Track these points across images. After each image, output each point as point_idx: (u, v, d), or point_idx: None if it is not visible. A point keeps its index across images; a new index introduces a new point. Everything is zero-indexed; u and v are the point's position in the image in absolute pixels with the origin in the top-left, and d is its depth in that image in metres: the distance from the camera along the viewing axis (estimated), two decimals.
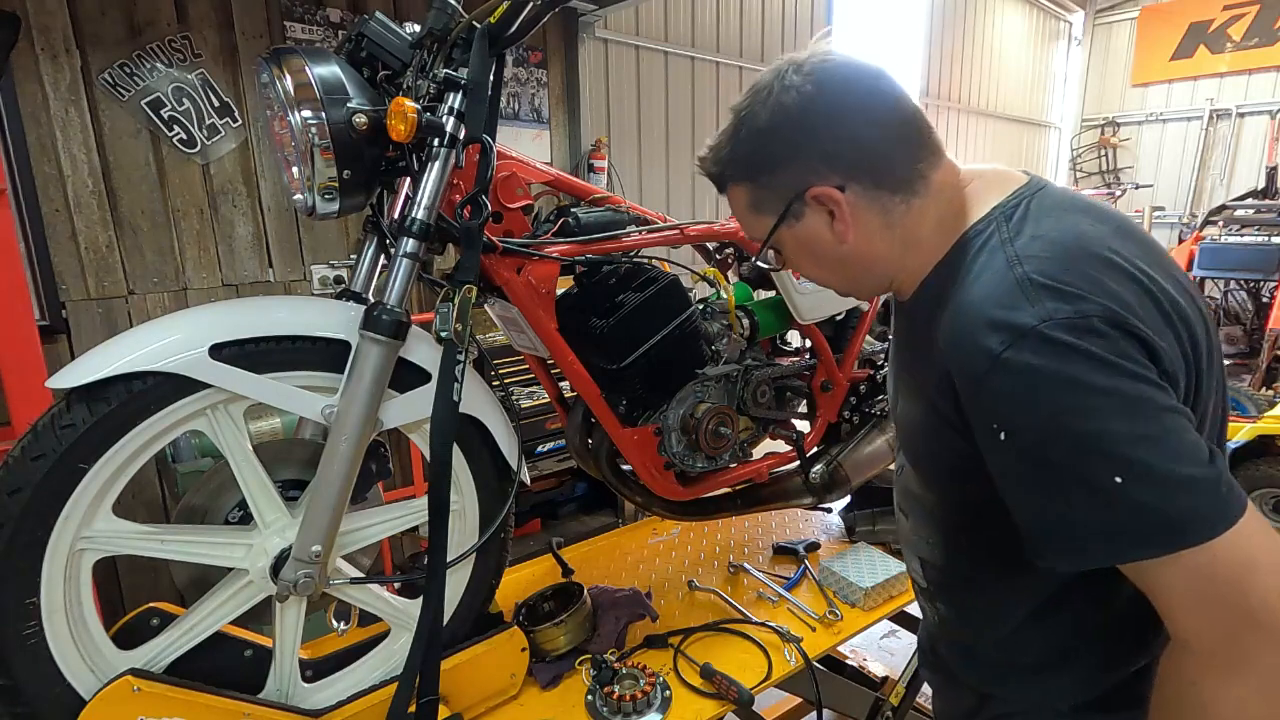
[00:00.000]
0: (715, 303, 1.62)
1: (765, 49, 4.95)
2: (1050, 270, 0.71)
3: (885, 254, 0.85)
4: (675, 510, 1.65)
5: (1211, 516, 0.65)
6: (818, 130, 0.80)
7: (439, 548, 1.11)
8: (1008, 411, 0.71)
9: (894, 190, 0.82)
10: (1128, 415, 0.66)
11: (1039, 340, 0.68)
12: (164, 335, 1.00)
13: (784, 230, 0.87)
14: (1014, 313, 0.70)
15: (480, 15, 1.12)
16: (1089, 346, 0.67)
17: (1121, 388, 0.66)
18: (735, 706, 1.33)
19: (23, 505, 0.93)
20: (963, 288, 0.77)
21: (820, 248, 0.86)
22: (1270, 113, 7.71)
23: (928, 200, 0.83)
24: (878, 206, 0.82)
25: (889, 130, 0.81)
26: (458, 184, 1.20)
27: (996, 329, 0.70)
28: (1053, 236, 0.75)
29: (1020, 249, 0.75)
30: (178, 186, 2.68)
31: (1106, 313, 0.68)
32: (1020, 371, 0.69)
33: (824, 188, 0.81)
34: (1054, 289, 0.70)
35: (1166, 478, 0.65)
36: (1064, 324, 0.68)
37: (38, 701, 0.98)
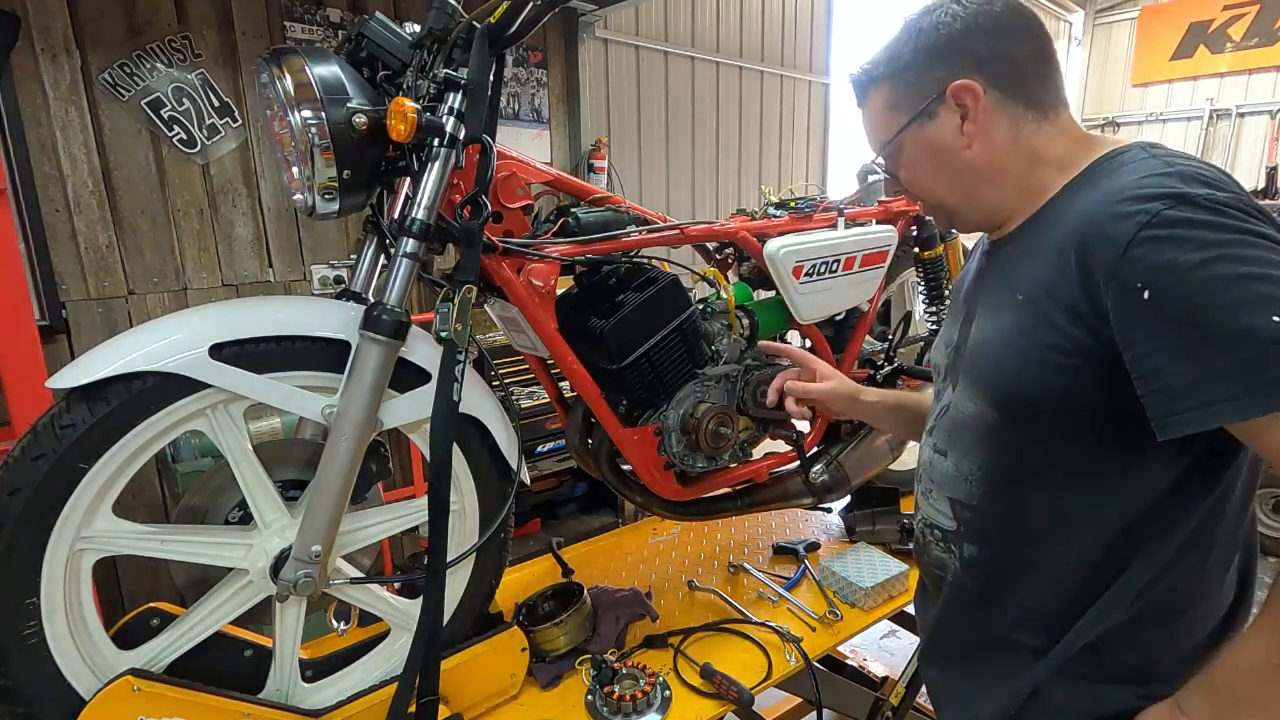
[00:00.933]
0: (715, 303, 1.61)
1: (765, 49, 4.95)
2: (1206, 172, 0.74)
3: (1006, 170, 0.89)
4: (675, 510, 1.64)
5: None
6: (977, 36, 0.86)
7: (439, 548, 1.11)
8: (1161, 263, 0.70)
9: (1029, 107, 0.87)
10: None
11: (1199, 205, 0.70)
12: (164, 335, 1.00)
13: (914, 130, 0.91)
14: (1175, 188, 0.72)
15: (480, 15, 1.12)
16: (1247, 215, 0.70)
17: (1274, 239, 0.69)
18: (735, 706, 1.33)
19: (23, 505, 0.93)
20: (1112, 180, 0.79)
21: (943, 152, 0.90)
22: (1270, 113, 7.71)
23: (1056, 129, 0.89)
24: (1010, 118, 0.87)
25: (1038, 55, 0.88)
26: (458, 184, 1.20)
27: (1156, 198, 0.72)
28: (1202, 160, 0.78)
29: (1172, 159, 0.77)
30: (178, 186, 2.68)
31: (1260, 206, 0.72)
32: (1180, 223, 0.70)
33: (967, 81, 0.86)
34: (1211, 182, 0.72)
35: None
36: (1224, 200, 0.70)
37: (38, 701, 0.98)
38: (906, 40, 0.90)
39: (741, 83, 4.82)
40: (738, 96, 4.81)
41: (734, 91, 4.79)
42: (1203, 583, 0.85)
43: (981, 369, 0.92)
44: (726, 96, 4.74)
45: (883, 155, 0.97)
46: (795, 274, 1.59)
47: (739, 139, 4.87)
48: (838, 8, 5.42)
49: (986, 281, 0.97)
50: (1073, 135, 0.90)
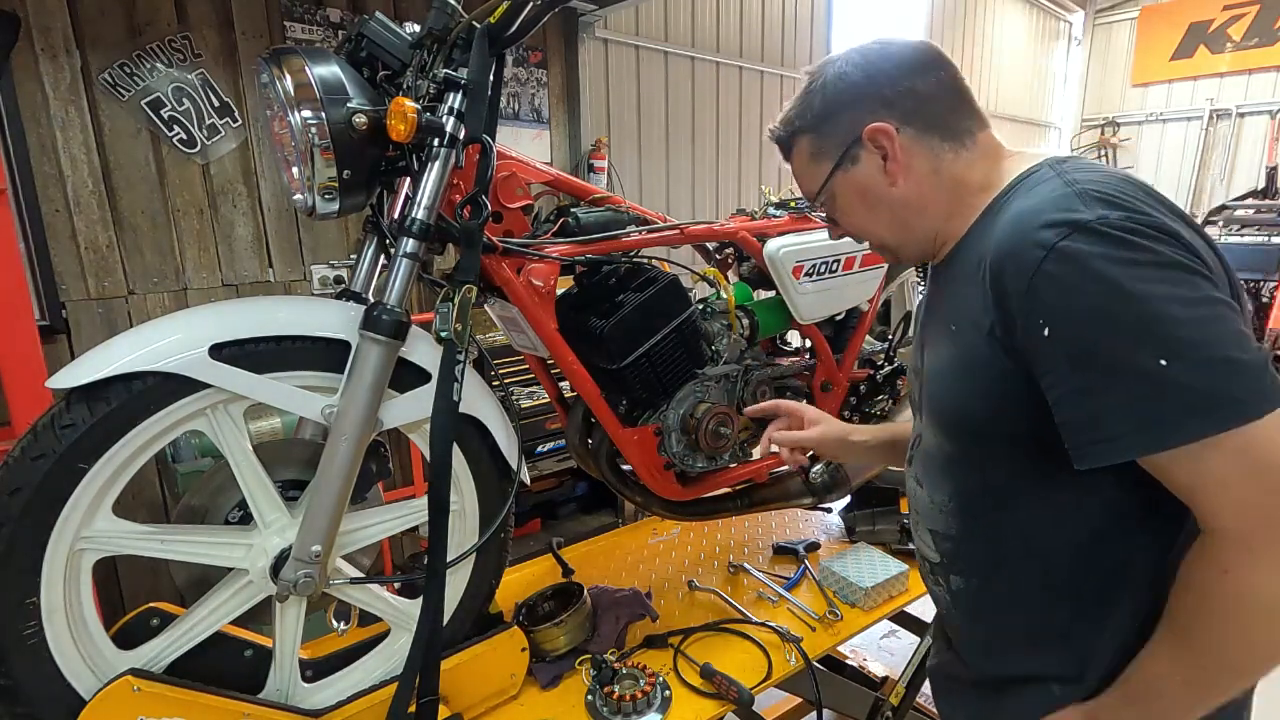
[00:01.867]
0: (715, 303, 1.62)
1: (765, 49, 4.95)
2: (1105, 188, 0.74)
3: (932, 201, 0.91)
4: (675, 510, 1.64)
5: (1256, 397, 0.66)
6: (879, 79, 0.90)
7: (439, 548, 1.11)
8: (1057, 301, 0.71)
9: (944, 138, 0.90)
10: (1178, 299, 0.67)
11: (1094, 233, 0.70)
12: (164, 335, 1.00)
13: (840, 177, 0.95)
14: (1071, 213, 0.72)
15: (480, 15, 1.12)
16: (1143, 240, 0.69)
17: (1172, 275, 0.68)
18: (735, 706, 1.33)
19: (23, 505, 0.93)
20: (1017, 203, 0.81)
21: (872, 193, 0.94)
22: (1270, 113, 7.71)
23: (975, 155, 0.91)
24: (928, 151, 0.90)
25: (943, 86, 0.91)
26: (458, 184, 1.20)
27: (1052, 225, 0.72)
28: (1106, 171, 0.79)
29: (1075, 175, 0.78)
30: (178, 186, 2.68)
31: (1159, 224, 0.70)
32: (1074, 257, 0.70)
33: (880, 124, 0.89)
34: (1109, 199, 0.72)
35: (1212, 359, 0.66)
36: (1119, 223, 0.70)
37: (38, 701, 0.98)
38: (815, 93, 0.94)
39: (741, 83, 4.82)
40: (738, 96, 4.81)
41: (734, 91, 4.79)
42: None
43: (934, 402, 0.94)
44: (726, 96, 4.74)
45: (819, 205, 1.00)
46: (795, 274, 1.60)
47: (739, 139, 4.87)
48: (838, 8, 5.43)
49: (932, 309, 0.99)
50: (993, 157, 0.91)
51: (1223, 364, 0.66)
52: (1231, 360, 0.66)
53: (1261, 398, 0.66)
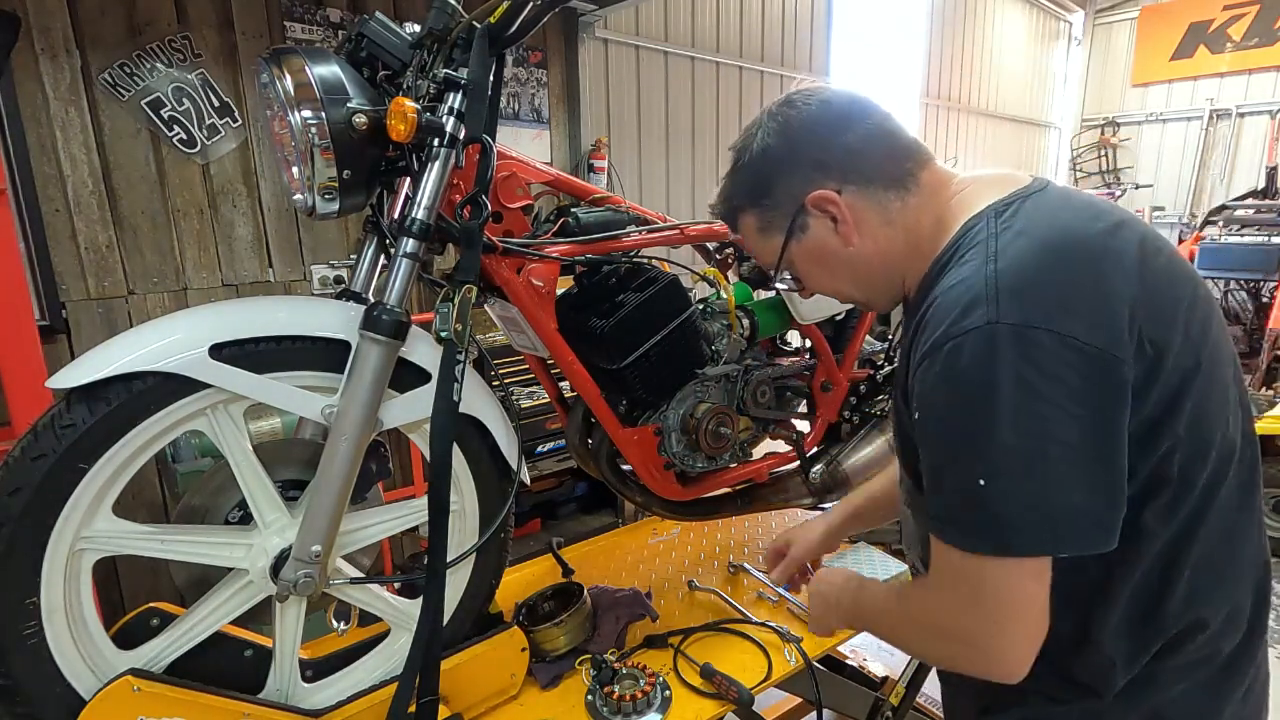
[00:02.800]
0: (715, 303, 1.62)
1: (765, 49, 4.96)
2: (1019, 270, 0.74)
3: (890, 252, 0.90)
4: (675, 510, 1.64)
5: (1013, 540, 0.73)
6: (806, 144, 0.89)
7: (439, 548, 1.11)
8: (925, 394, 0.78)
9: (887, 187, 0.88)
10: (1016, 431, 0.71)
11: (977, 339, 0.72)
12: (164, 335, 1.00)
13: (794, 246, 0.94)
14: (969, 312, 0.74)
15: (480, 15, 1.12)
16: (1018, 359, 0.70)
17: (1025, 406, 0.70)
18: (735, 706, 1.33)
19: (23, 505, 0.93)
20: (947, 277, 0.81)
21: (830, 256, 0.92)
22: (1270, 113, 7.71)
23: (922, 198, 0.89)
24: (875, 204, 0.88)
25: (872, 134, 0.88)
26: (458, 184, 1.20)
27: (948, 321, 0.75)
28: (1038, 233, 0.77)
29: (1001, 245, 0.77)
30: (178, 186, 2.68)
31: (1056, 328, 0.71)
32: (949, 362, 0.74)
33: (821, 191, 0.88)
34: (1014, 291, 0.73)
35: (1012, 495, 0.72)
36: (1008, 330, 0.71)
37: (38, 701, 0.98)
38: (745, 169, 0.93)
39: (741, 83, 4.82)
40: (738, 96, 4.81)
41: (734, 91, 4.79)
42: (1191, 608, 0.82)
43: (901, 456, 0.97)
44: (726, 96, 4.74)
45: (778, 280, 1.01)
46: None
47: None
48: (838, 8, 5.43)
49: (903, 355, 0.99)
50: (941, 194, 0.89)
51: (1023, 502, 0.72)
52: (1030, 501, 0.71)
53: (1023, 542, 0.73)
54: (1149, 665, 0.83)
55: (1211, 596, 0.83)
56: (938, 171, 0.91)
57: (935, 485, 0.79)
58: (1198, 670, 0.84)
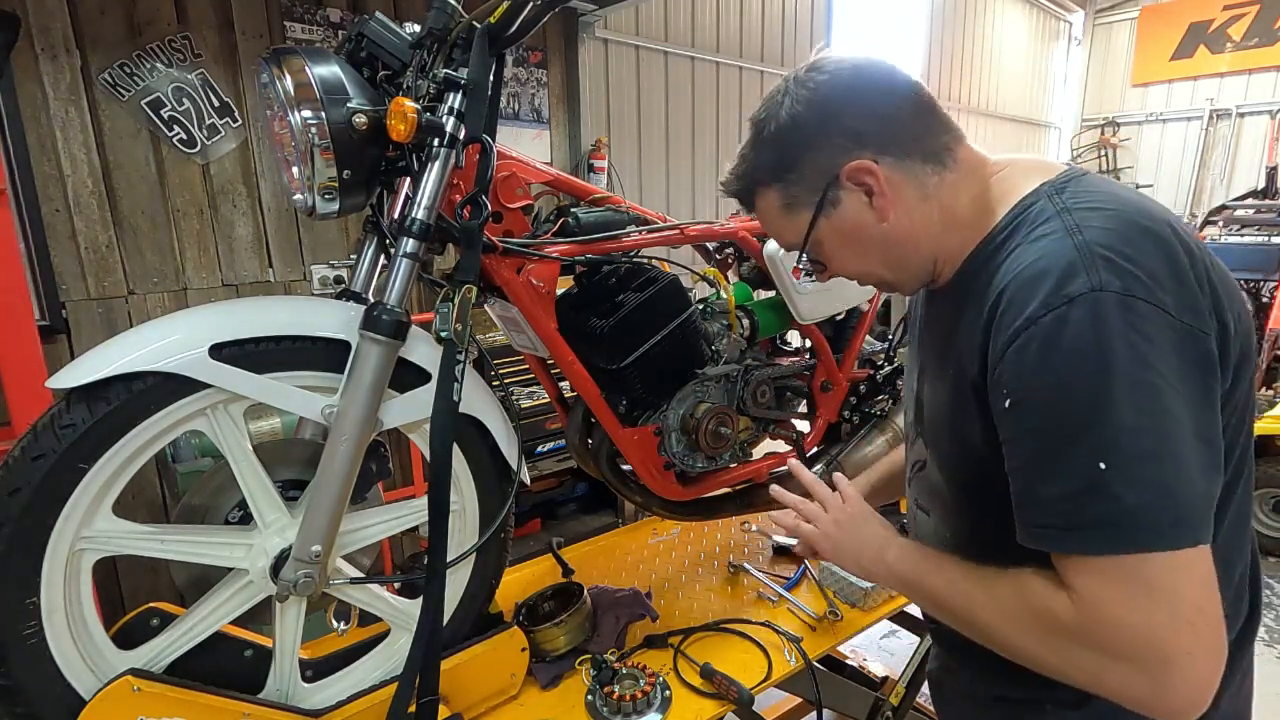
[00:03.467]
0: (715, 303, 1.61)
1: (765, 49, 4.96)
2: (1110, 240, 0.70)
3: (926, 229, 0.85)
4: (675, 510, 1.64)
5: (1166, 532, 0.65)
6: (841, 111, 0.82)
7: (439, 548, 1.11)
8: (1024, 374, 0.70)
9: (925, 160, 0.83)
10: (1136, 407, 0.65)
11: (1084, 307, 0.67)
12: (164, 335, 1.00)
13: (822, 224, 0.87)
14: (1066, 279, 0.69)
15: (480, 15, 1.12)
16: (1127, 329, 0.66)
17: (1141, 378, 0.65)
18: (735, 706, 1.33)
19: (23, 505, 0.93)
20: (1019, 255, 0.76)
21: (862, 233, 0.86)
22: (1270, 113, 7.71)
23: (959, 175, 0.85)
24: (912, 178, 0.83)
25: (909, 105, 0.83)
26: (458, 184, 1.19)
27: (1045, 292, 0.69)
28: (1114, 208, 0.74)
29: (1079, 219, 0.73)
30: (178, 186, 2.68)
31: (1153, 300, 0.67)
32: (1053, 332, 0.68)
33: (859, 161, 0.82)
34: (1111, 261, 0.68)
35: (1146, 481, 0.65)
36: (1114, 298, 0.66)
37: (38, 701, 0.98)
38: (769, 141, 0.87)
39: (741, 83, 4.82)
40: (738, 96, 4.81)
41: (734, 91, 4.79)
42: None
43: (938, 446, 0.92)
44: (726, 96, 4.74)
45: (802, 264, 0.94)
46: (795, 274, 1.58)
47: (739, 139, 4.82)
48: (838, 8, 5.43)
49: (930, 333, 0.95)
50: (979, 173, 0.86)
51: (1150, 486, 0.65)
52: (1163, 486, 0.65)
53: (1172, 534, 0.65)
54: None
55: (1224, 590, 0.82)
56: (972, 151, 0.87)
57: (1043, 479, 0.70)
58: None
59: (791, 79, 0.85)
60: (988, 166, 0.87)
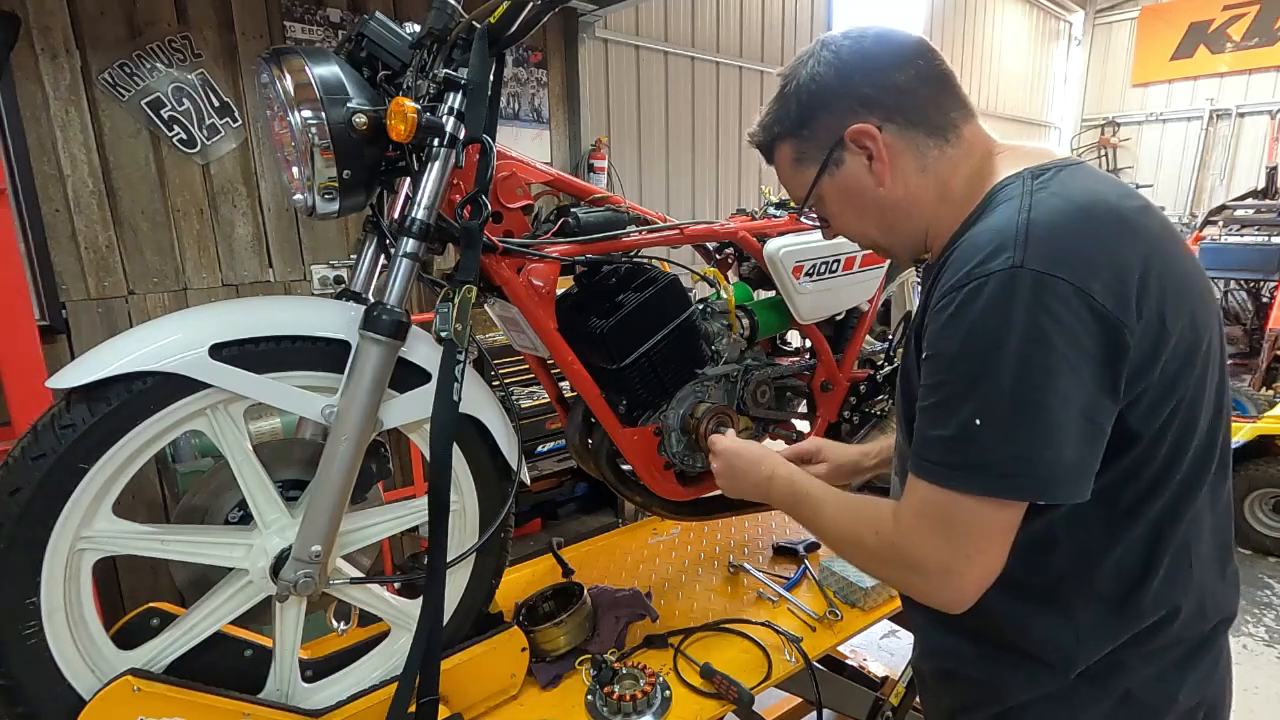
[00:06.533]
0: (715, 303, 1.62)
1: (765, 49, 4.96)
2: (1052, 221, 0.74)
3: (920, 199, 0.89)
4: (675, 510, 1.64)
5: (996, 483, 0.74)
6: (855, 77, 0.87)
7: (439, 548, 1.11)
8: (937, 334, 0.77)
9: (929, 134, 0.87)
10: (1019, 378, 0.71)
11: (998, 281, 0.72)
12: (164, 335, 1.00)
13: (826, 181, 0.92)
14: (994, 254, 0.74)
15: (480, 15, 1.12)
16: (1035, 305, 0.71)
17: (1033, 354, 0.71)
18: (735, 706, 1.33)
19: (23, 505, 0.93)
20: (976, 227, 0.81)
21: (860, 194, 0.91)
22: (1270, 113, 7.71)
23: (960, 151, 0.88)
24: (913, 148, 0.87)
25: (924, 76, 0.87)
26: (458, 184, 1.20)
27: (972, 264, 0.75)
28: (1072, 195, 0.77)
29: (1035, 200, 0.77)
30: (178, 186, 2.68)
31: (1076, 281, 0.71)
32: (967, 300, 0.74)
33: (862, 124, 0.86)
34: (1042, 239, 0.73)
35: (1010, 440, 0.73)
36: (1030, 275, 0.71)
37: (38, 701, 0.98)
38: (790, 97, 0.91)
39: (741, 83, 4.82)
40: (738, 96, 4.81)
41: (734, 91, 4.79)
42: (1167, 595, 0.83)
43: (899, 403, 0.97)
44: (726, 96, 4.74)
45: (808, 208, 0.99)
46: (795, 274, 1.60)
47: (739, 139, 4.86)
48: (838, 8, 5.43)
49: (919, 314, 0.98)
50: (981, 153, 0.89)
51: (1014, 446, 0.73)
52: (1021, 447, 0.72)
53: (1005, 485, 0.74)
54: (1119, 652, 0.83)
55: (1187, 585, 0.84)
56: (980, 131, 0.90)
57: (930, 422, 0.79)
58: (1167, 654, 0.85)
59: (820, 41, 0.90)
60: (991, 148, 0.89)
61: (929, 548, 0.79)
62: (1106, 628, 0.83)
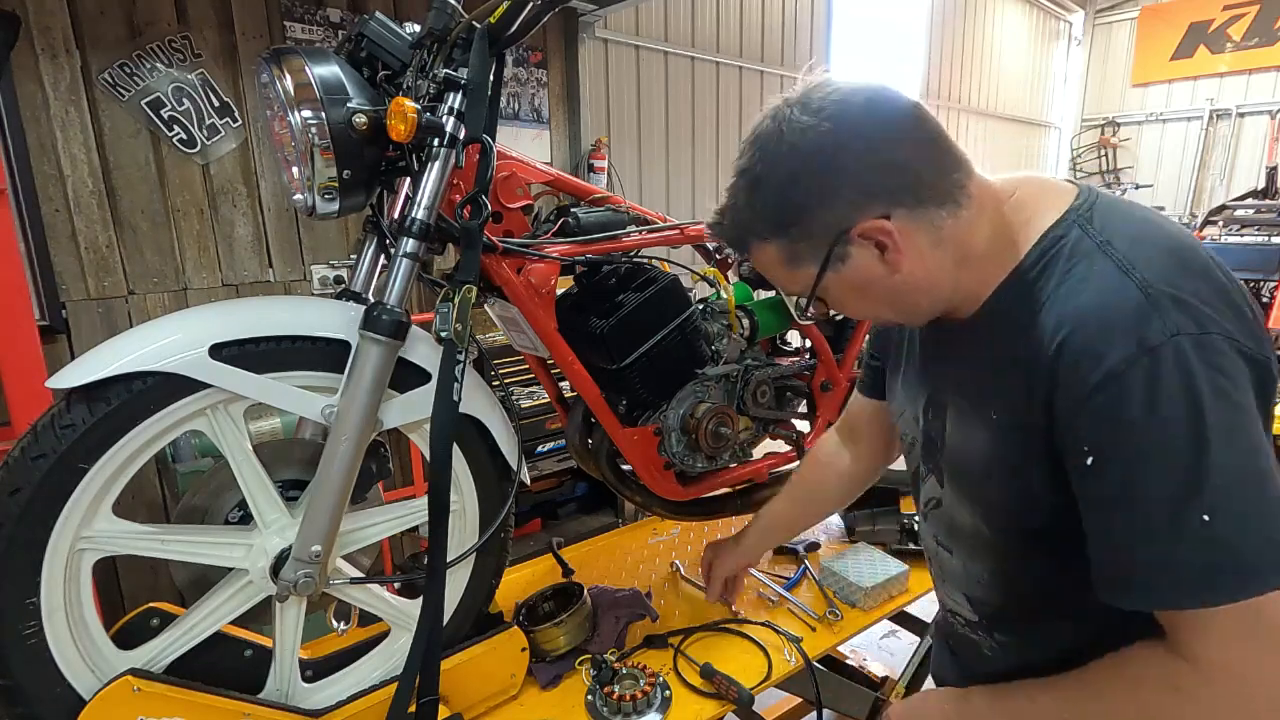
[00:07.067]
0: (715, 303, 1.62)
1: (765, 49, 4.96)
2: (1169, 276, 0.69)
3: (939, 273, 0.81)
4: (675, 510, 1.64)
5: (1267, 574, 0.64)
6: (847, 165, 0.76)
7: (439, 548, 1.11)
8: (1109, 431, 0.68)
9: (939, 204, 0.78)
10: (1232, 451, 0.64)
11: (1169, 355, 0.65)
12: (164, 335, 1.00)
13: (829, 277, 0.82)
14: (1140, 326, 0.66)
15: (480, 15, 1.12)
16: (1210, 371, 0.65)
17: (1230, 420, 0.64)
18: (735, 706, 1.33)
19: (23, 505, 0.93)
20: (1069, 295, 0.73)
21: (872, 285, 0.82)
22: (1270, 113, 7.71)
23: (973, 211, 0.80)
24: (925, 225, 0.78)
25: (918, 144, 0.78)
26: (458, 184, 1.20)
27: (1121, 343, 0.67)
28: (1154, 239, 0.72)
29: (1124, 252, 0.71)
30: (178, 186, 2.68)
31: (1224, 332, 0.66)
32: (1133, 393, 0.66)
33: (871, 222, 0.76)
34: (1177, 299, 0.67)
35: (1248, 519, 0.64)
36: (1191, 341, 0.65)
37: (38, 701, 0.98)
38: (764, 194, 0.79)
39: (741, 83, 4.82)
40: (738, 96, 4.81)
41: (734, 91, 4.79)
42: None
43: (976, 493, 0.89)
44: (726, 96, 4.74)
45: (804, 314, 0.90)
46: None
47: (739, 139, 4.82)
48: (838, 8, 5.43)
49: (950, 368, 0.91)
50: (991, 205, 0.81)
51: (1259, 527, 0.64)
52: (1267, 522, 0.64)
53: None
54: None
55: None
56: (982, 181, 0.82)
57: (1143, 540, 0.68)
58: None
59: (785, 121, 0.76)
60: (999, 195, 0.82)
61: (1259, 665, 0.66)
62: None
